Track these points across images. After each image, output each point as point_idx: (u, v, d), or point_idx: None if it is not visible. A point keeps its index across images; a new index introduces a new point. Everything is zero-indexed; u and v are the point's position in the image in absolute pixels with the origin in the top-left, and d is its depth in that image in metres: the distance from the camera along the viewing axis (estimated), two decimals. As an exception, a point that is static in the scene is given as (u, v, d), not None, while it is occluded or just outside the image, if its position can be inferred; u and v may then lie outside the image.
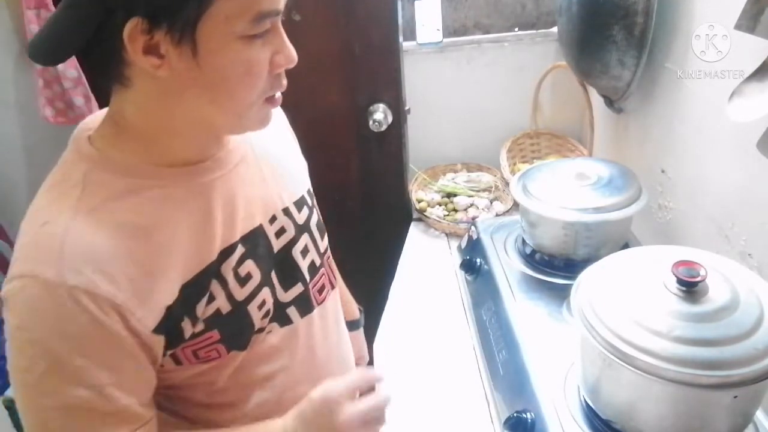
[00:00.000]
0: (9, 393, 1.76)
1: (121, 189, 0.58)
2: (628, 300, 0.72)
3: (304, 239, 0.76)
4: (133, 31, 0.51)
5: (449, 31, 1.65)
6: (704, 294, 0.70)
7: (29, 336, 0.55)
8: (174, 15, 0.51)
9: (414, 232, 1.61)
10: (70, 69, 1.51)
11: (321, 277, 0.79)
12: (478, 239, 1.30)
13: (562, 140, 1.72)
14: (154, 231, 0.59)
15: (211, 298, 0.63)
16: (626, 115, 1.34)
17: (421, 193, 1.67)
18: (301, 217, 0.76)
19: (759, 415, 0.80)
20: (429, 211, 1.58)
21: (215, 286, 0.64)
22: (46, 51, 0.55)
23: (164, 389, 0.67)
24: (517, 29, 1.65)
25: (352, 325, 1.01)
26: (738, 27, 0.76)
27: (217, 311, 0.64)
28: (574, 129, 1.73)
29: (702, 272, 0.69)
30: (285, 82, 0.62)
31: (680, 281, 0.70)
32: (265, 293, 0.69)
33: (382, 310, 1.26)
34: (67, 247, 0.54)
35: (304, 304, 0.75)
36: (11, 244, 1.72)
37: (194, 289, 0.62)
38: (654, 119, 1.21)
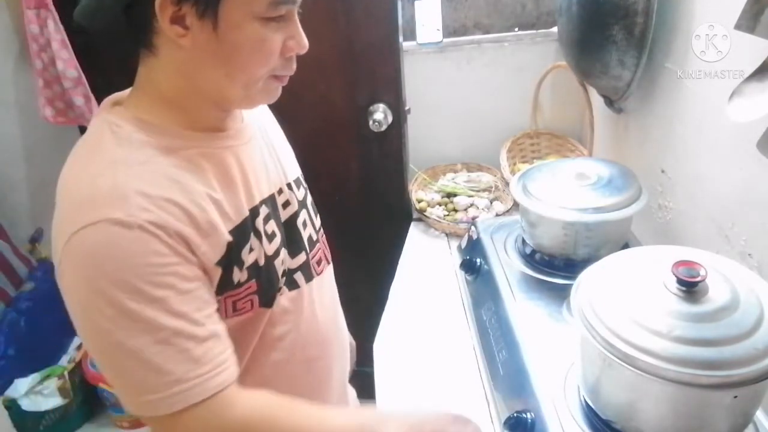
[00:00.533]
0: (9, 393, 1.76)
1: (161, 147, 0.64)
2: (628, 300, 0.72)
3: (304, 214, 0.83)
4: (163, 1, 0.58)
5: (449, 31, 1.65)
6: (704, 294, 0.70)
7: (109, 279, 0.56)
8: None
9: (414, 232, 1.61)
10: (70, 69, 1.51)
11: (318, 251, 0.86)
12: (478, 239, 1.30)
13: (562, 140, 1.72)
14: (200, 182, 0.65)
15: (251, 249, 0.70)
16: (626, 115, 1.34)
17: (421, 193, 1.67)
18: (299, 194, 0.83)
19: (759, 415, 0.80)
20: (429, 211, 1.58)
21: (253, 239, 0.70)
22: (87, 13, 0.62)
23: None
24: (517, 29, 1.65)
25: None
26: (738, 27, 0.76)
27: (256, 262, 0.71)
28: (574, 129, 1.73)
29: (702, 272, 0.69)
30: (294, 66, 0.69)
31: (680, 281, 0.70)
32: (284, 254, 0.77)
33: (382, 310, 1.26)
34: (129, 191, 0.58)
35: (307, 272, 0.82)
36: (11, 244, 1.72)
37: (240, 236, 0.68)
38: (654, 119, 1.21)
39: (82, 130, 1.67)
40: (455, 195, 1.62)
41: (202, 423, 0.61)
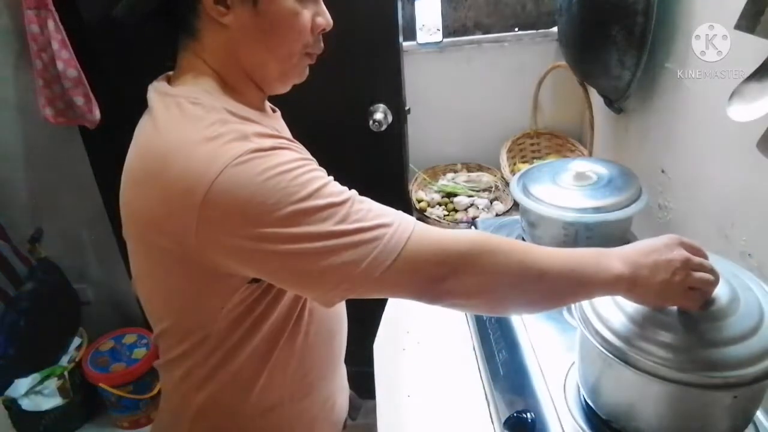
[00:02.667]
0: (9, 393, 1.76)
1: (240, 117, 0.65)
2: (628, 300, 0.72)
3: None
4: None
5: (449, 31, 1.65)
6: (704, 294, 0.70)
7: (285, 166, 0.60)
8: None
9: (414, 232, 1.61)
10: (70, 69, 1.51)
11: None
12: (478, 239, 1.30)
13: (562, 140, 1.72)
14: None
15: None
16: (626, 115, 1.34)
17: (421, 193, 1.67)
18: None
19: (759, 415, 0.80)
20: (429, 211, 1.58)
21: None
22: (131, 4, 0.66)
23: (242, 318, 0.70)
24: (517, 29, 1.65)
25: None
26: (738, 27, 0.76)
27: None
28: (574, 129, 1.73)
29: (702, 272, 0.69)
30: (322, 44, 0.74)
31: (680, 281, 0.70)
32: None
33: (382, 310, 1.26)
34: (247, 132, 0.61)
35: None
36: (11, 244, 1.72)
37: None
38: (654, 119, 1.21)
39: (82, 130, 1.67)
40: (455, 195, 1.62)
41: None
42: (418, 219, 1.75)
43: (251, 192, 0.58)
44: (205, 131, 0.60)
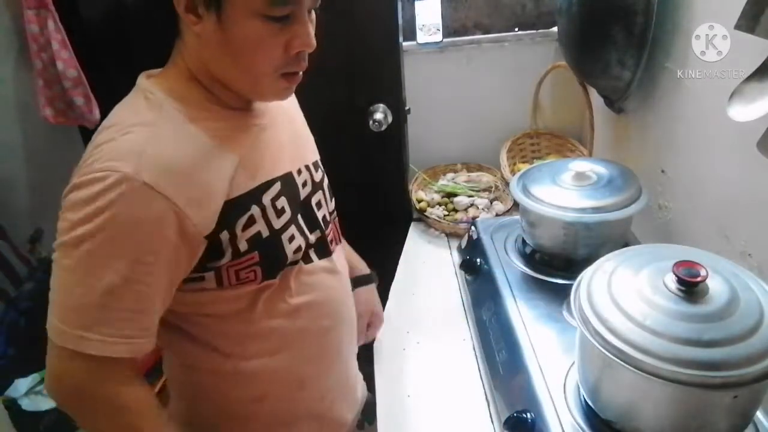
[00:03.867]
0: (9, 393, 1.76)
1: (190, 116, 0.70)
2: (628, 300, 0.72)
3: (319, 195, 0.89)
4: None
5: (449, 31, 1.65)
6: (704, 294, 0.70)
7: (109, 217, 0.63)
8: None
9: (414, 232, 1.61)
10: (70, 69, 1.51)
11: (330, 231, 0.91)
12: (478, 239, 1.30)
13: (562, 140, 1.72)
14: (217, 152, 0.71)
15: (252, 221, 0.74)
16: (626, 115, 1.34)
17: (421, 193, 1.67)
18: (317, 176, 0.89)
19: (759, 415, 0.80)
20: (429, 211, 1.58)
21: (256, 211, 0.75)
22: None
23: (206, 320, 0.78)
24: (517, 29, 1.65)
25: (364, 280, 1.13)
26: (738, 27, 0.76)
27: (258, 234, 0.75)
28: (574, 129, 1.73)
29: (702, 272, 0.69)
30: (304, 63, 0.73)
31: (680, 281, 0.70)
32: (294, 230, 0.81)
33: (382, 309, 1.26)
34: (148, 152, 0.64)
35: (323, 249, 0.88)
36: (11, 243, 1.72)
37: (236, 207, 0.72)
38: (654, 119, 1.21)
39: (82, 130, 1.67)
40: (455, 195, 1.62)
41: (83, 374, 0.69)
42: (418, 219, 1.75)
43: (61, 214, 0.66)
44: (114, 133, 0.66)
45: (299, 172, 0.85)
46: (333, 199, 0.96)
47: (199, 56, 0.71)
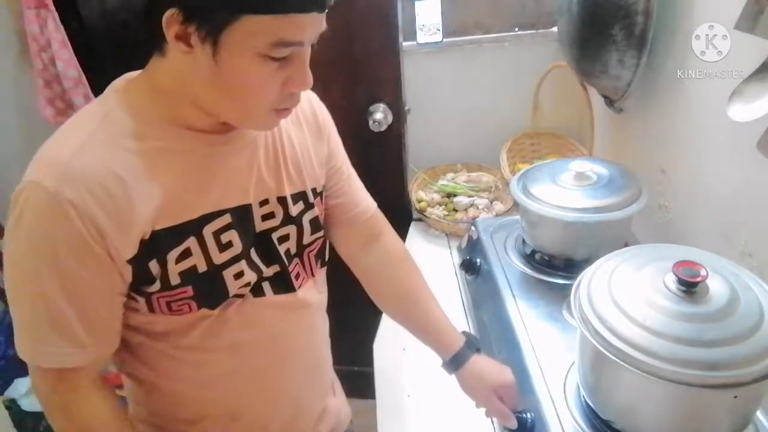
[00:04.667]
0: (9, 393, 1.76)
1: (134, 131, 0.66)
2: (628, 300, 0.72)
3: (288, 229, 0.80)
4: (170, 18, 0.59)
5: (449, 31, 1.64)
6: (704, 294, 0.70)
7: (26, 231, 0.63)
8: (205, 16, 0.58)
9: (414, 232, 1.61)
10: (71, 69, 1.51)
11: (296, 266, 0.83)
12: (478, 239, 1.30)
13: (562, 140, 1.72)
14: (148, 173, 0.66)
15: (187, 254, 0.69)
16: (626, 115, 1.34)
17: (421, 193, 1.67)
18: (294, 210, 0.80)
19: (759, 415, 0.80)
20: (429, 211, 1.58)
21: (193, 243, 0.69)
22: (108, 14, 0.67)
23: (138, 337, 0.74)
24: (517, 29, 1.65)
25: (465, 351, 0.93)
26: (738, 27, 0.76)
27: (194, 268, 0.70)
28: (574, 129, 1.73)
29: (702, 272, 0.69)
30: (298, 100, 0.69)
31: (681, 281, 0.70)
32: (244, 265, 0.74)
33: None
34: (72, 166, 0.62)
35: (282, 283, 0.80)
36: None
37: (167, 238, 0.67)
38: (654, 119, 1.21)
39: (82, 130, 1.67)
40: (455, 195, 1.62)
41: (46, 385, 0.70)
42: (418, 219, 1.75)
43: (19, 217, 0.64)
44: (57, 140, 0.65)
45: (263, 203, 0.77)
46: (318, 233, 0.85)
47: (179, 79, 0.66)
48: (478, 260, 1.24)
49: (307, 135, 0.83)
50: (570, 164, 1.14)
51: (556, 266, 1.14)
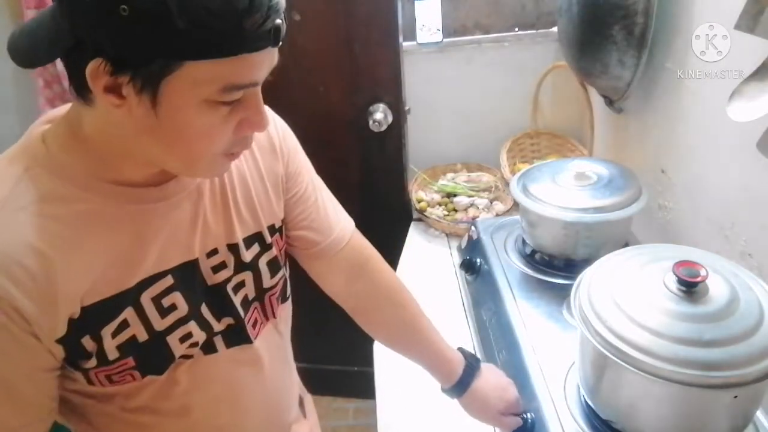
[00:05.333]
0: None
1: (54, 193, 0.57)
2: (628, 300, 0.72)
3: (244, 276, 0.73)
4: (96, 69, 0.49)
5: (449, 31, 1.64)
6: (704, 294, 0.70)
7: None
8: (139, 67, 0.50)
9: (414, 232, 1.61)
10: (70, 69, 1.51)
11: (253, 312, 0.76)
12: (478, 239, 1.30)
13: (562, 140, 1.72)
14: (73, 243, 0.57)
15: (124, 325, 0.62)
16: (626, 115, 1.34)
17: (421, 193, 1.67)
18: (248, 255, 0.73)
19: (759, 415, 0.80)
20: (429, 211, 1.58)
21: (130, 314, 0.62)
22: (23, 52, 0.53)
23: (83, 399, 0.67)
24: (517, 29, 1.65)
25: (468, 372, 0.91)
26: (738, 27, 0.76)
27: (133, 338, 0.63)
28: (574, 129, 1.73)
29: (703, 272, 0.69)
30: (251, 142, 0.62)
31: (681, 281, 0.70)
32: (192, 326, 0.68)
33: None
34: None
35: (236, 336, 0.73)
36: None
37: (99, 313, 0.60)
38: (654, 119, 1.21)
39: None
40: (455, 195, 1.62)
41: None
42: (418, 219, 1.75)
43: None
44: None
45: (212, 253, 0.69)
46: (278, 274, 0.78)
47: (109, 131, 0.57)
48: (478, 260, 1.24)
49: (261, 162, 0.74)
50: (570, 164, 1.14)
51: (556, 266, 1.14)
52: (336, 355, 1.95)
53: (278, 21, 0.52)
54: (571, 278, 0.85)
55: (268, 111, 0.74)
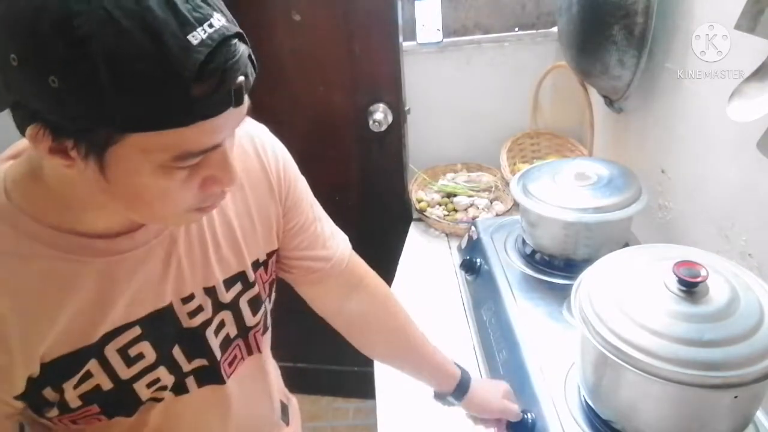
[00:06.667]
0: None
1: (17, 249, 0.54)
2: (628, 300, 0.72)
3: (223, 316, 0.71)
4: (36, 134, 0.46)
5: (449, 31, 1.64)
6: (704, 294, 0.70)
7: None
8: (80, 135, 0.46)
9: (414, 232, 1.61)
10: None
11: (233, 349, 0.74)
12: (478, 239, 1.30)
13: (562, 140, 1.72)
14: (35, 302, 0.55)
15: (88, 376, 0.60)
16: (626, 115, 1.34)
17: (421, 193, 1.67)
18: (228, 296, 0.70)
19: (759, 415, 0.80)
20: (429, 211, 1.58)
21: (93, 366, 0.60)
22: None
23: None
24: (517, 29, 1.65)
25: (464, 387, 0.93)
26: (738, 27, 0.76)
27: (97, 387, 0.61)
28: (574, 129, 1.73)
29: (703, 272, 0.69)
30: (225, 196, 0.58)
31: (681, 281, 0.70)
32: (161, 372, 0.66)
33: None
34: None
35: (207, 377, 0.71)
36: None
37: (62, 367, 0.58)
38: (654, 119, 1.21)
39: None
40: (455, 195, 1.62)
41: None
42: (418, 219, 1.74)
43: None
44: None
45: (188, 299, 0.66)
46: (260, 312, 0.75)
47: (68, 184, 0.53)
48: (478, 260, 1.24)
49: (251, 199, 0.70)
50: (570, 164, 1.14)
51: (556, 266, 1.14)
52: (336, 355, 1.94)
53: (240, 79, 0.47)
54: (571, 278, 0.85)
55: (264, 136, 0.72)
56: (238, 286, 0.71)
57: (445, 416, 0.98)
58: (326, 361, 2.05)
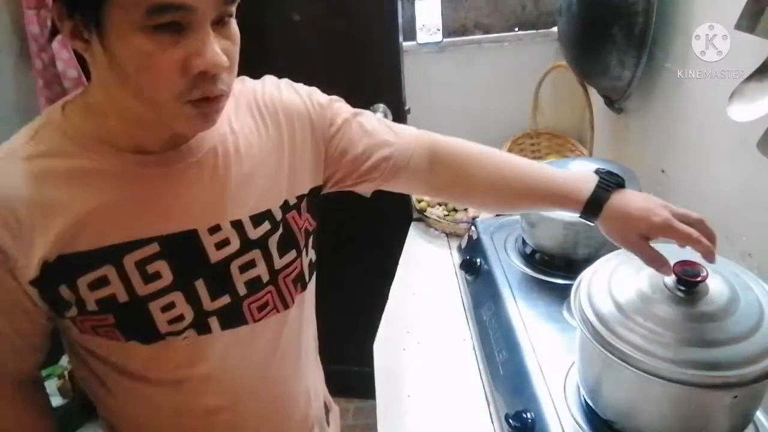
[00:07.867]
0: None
1: (60, 149, 0.63)
2: (628, 300, 0.72)
3: (252, 254, 0.71)
4: (59, 13, 0.55)
5: (449, 31, 1.65)
6: (704, 294, 0.70)
7: None
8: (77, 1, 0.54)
9: (414, 232, 1.61)
10: (71, 69, 1.51)
11: (265, 295, 0.74)
12: (478, 239, 1.30)
13: (562, 140, 1.72)
14: (66, 194, 0.62)
15: (104, 282, 0.64)
16: (626, 115, 1.34)
17: (421, 193, 1.67)
18: (256, 233, 0.71)
19: (759, 415, 0.80)
20: (429, 211, 1.58)
21: (111, 272, 0.64)
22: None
23: (83, 350, 0.71)
24: (517, 29, 1.65)
25: (598, 200, 0.79)
26: (738, 27, 0.76)
27: (112, 297, 0.65)
28: (574, 129, 1.73)
29: (703, 272, 0.69)
30: (214, 87, 0.58)
31: (681, 281, 0.70)
32: (176, 297, 0.67)
33: (382, 309, 1.26)
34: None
35: (230, 317, 0.72)
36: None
37: (75, 263, 0.63)
38: (654, 119, 1.21)
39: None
40: (455, 195, 1.62)
41: None
42: (418, 219, 1.74)
43: None
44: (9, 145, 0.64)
45: (214, 230, 0.68)
46: (290, 254, 0.75)
47: (99, 87, 0.63)
48: (478, 260, 1.24)
49: (276, 143, 0.74)
50: (570, 164, 1.14)
51: (556, 266, 1.14)
52: (336, 355, 1.94)
53: None
54: (571, 278, 0.85)
55: (287, 80, 0.81)
56: (266, 225, 0.72)
57: (446, 416, 0.98)
58: (326, 361, 2.05)
